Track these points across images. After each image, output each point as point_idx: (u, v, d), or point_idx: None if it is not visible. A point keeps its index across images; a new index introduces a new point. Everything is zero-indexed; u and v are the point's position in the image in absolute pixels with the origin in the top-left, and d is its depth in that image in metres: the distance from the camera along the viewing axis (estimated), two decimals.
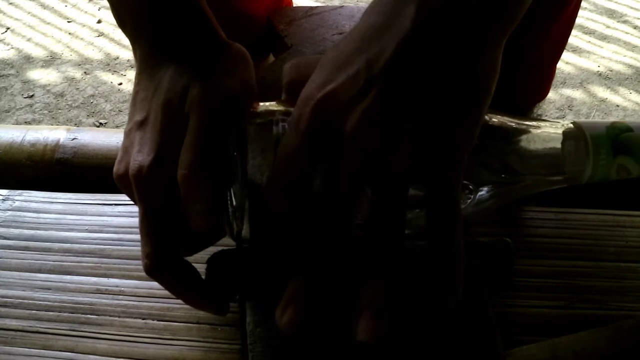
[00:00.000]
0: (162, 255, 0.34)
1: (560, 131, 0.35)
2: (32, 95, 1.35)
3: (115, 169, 0.35)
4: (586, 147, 0.34)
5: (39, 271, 0.41)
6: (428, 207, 0.31)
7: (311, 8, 0.69)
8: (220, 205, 0.33)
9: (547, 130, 0.35)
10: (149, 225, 0.34)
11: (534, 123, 0.35)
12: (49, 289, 0.40)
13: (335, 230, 0.31)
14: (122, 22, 0.39)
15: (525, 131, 0.34)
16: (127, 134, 0.36)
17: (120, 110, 1.31)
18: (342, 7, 0.70)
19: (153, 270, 0.34)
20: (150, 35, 0.37)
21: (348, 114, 0.30)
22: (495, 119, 0.34)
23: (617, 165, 0.34)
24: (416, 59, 0.30)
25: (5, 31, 1.54)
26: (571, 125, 0.35)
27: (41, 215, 0.45)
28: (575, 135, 0.34)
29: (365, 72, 0.30)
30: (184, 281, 0.35)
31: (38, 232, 0.44)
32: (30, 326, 0.38)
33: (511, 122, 0.35)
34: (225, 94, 0.35)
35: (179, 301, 0.38)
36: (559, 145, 0.34)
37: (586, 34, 1.51)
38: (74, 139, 0.49)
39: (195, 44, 0.37)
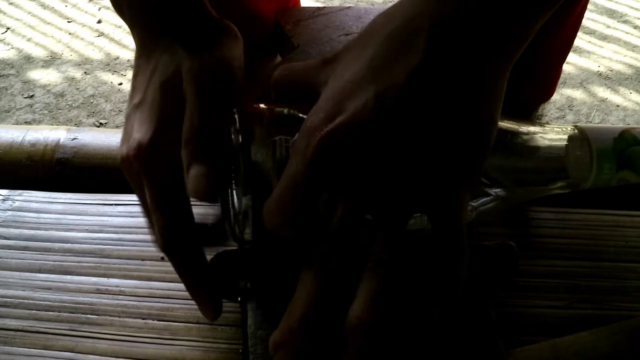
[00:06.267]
0: (176, 227, 0.34)
1: (565, 137, 0.34)
2: (32, 95, 1.35)
3: (119, 152, 0.36)
4: (591, 159, 0.33)
5: (39, 271, 0.41)
6: (435, 241, 0.31)
7: (318, 9, 0.69)
8: (220, 173, 0.33)
9: (552, 136, 0.34)
10: (157, 199, 0.35)
11: (539, 128, 0.34)
12: (49, 289, 0.40)
13: (336, 258, 0.30)
14: (120, 8, 0.40)
15: (530, 137, 0.34)
16: (127, 118, 0.37)
17: (120, 110, 1.31)
18: (349, 8, 0.69)
19: (168, 243, 0.34)
20: (145, 18, 0.38)
21: (357, 148, 0.29)
22: (502, 124, 0.34)
23: (619, 178, 0.34)
24: (425, 93, 0.29)
25: (6, 31, 1.54)
26: (577, 132, 0.34)
27: (41, 215, 0.45)
28: (581, 145, 0.34)
29: (375, 104, 0.29)
30: (194, 261, 0.35)
31: (38, 232, 0.44)
32: (30, 326, 0.38)
33: (517, 126, 0.34)
34: (217, 64, 0.36)
35: (179, 301, 0.38)
36: (563, 153, 0.34)
37: (586, 34, 1.50)
38: (74, 139, 0.49)
39: (187, 21, 0.38)
